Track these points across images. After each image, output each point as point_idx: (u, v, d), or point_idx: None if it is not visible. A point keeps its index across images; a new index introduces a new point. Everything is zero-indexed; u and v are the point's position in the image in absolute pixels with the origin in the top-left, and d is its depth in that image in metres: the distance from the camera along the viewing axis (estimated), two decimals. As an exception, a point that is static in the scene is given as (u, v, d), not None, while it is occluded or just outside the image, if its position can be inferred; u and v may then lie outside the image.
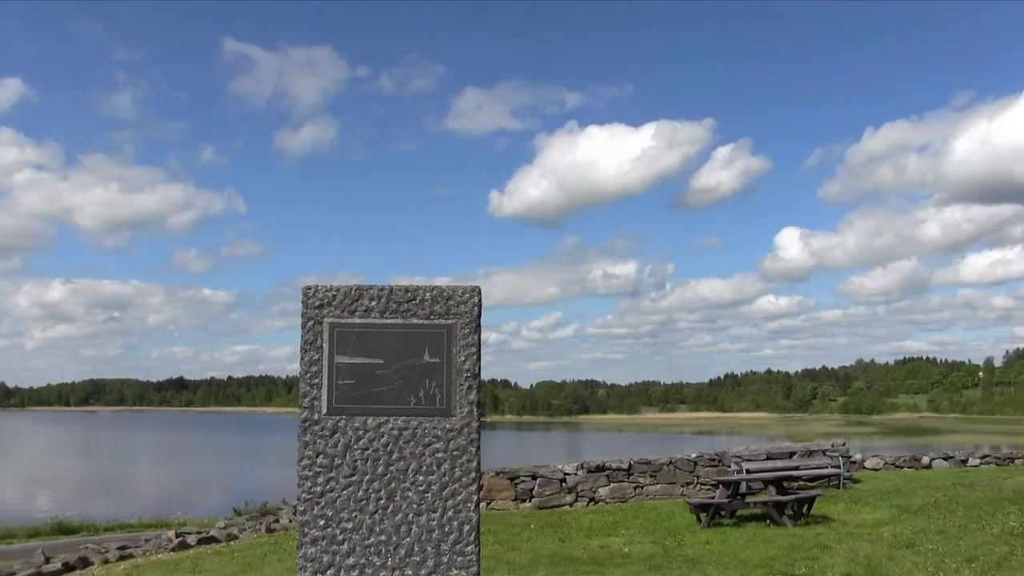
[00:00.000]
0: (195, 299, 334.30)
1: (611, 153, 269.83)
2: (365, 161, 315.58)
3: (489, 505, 14.37)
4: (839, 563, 8.05)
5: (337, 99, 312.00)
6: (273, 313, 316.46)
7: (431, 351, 3.02)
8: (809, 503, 11.70)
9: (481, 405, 3.09)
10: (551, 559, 8.96)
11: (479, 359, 3.06)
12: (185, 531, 13.65)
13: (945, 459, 19.79)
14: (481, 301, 3.09)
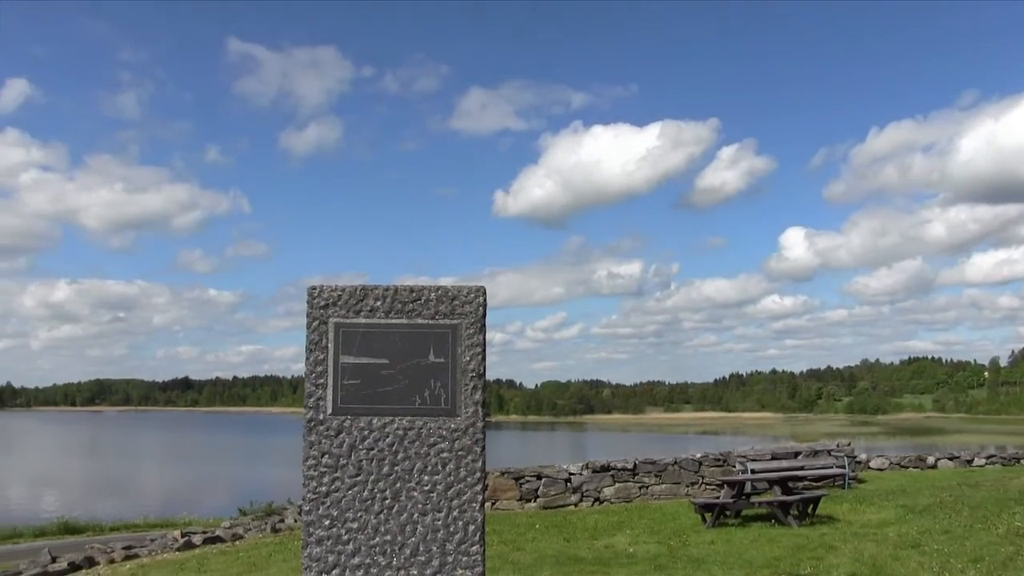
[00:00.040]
0: (200, 299, 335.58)
1: (616, 153, 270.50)
2: (370, 161, 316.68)
3: (494, 505, 14.38)
4: (844, 563, 8.03)
5: (342, 99, 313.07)
6: (278, 313, 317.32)
7: (436, 351, 3.03)
8: (814, 503, 11.67)
9: (486, 405, 3.09)
10: (556, 559, 8.96)
11: (484, 359, 3.06)
12: (190, 531, 13.69)
13: (950, 459, 19.73)
14: (486, 301, 3.09)
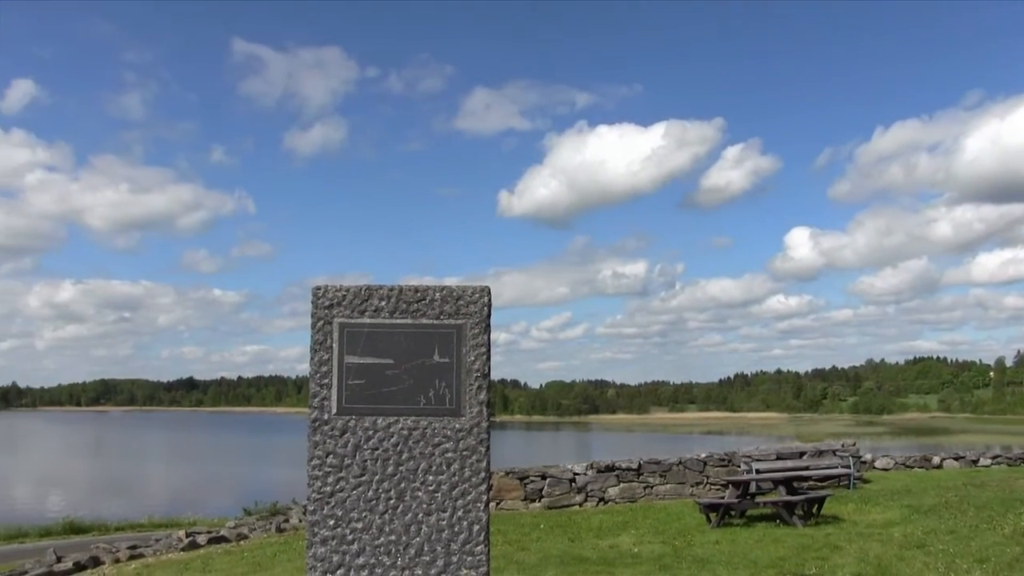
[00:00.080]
0: (205, 299, 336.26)
1: (621, 153, 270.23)
2: (374, 161, 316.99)
3: (499, 505, 14.37)
4: (849, 563, 8.02)
5: (346, 99, 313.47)
6: (283, 313, 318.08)
7: (441, 351, 3.03)
8: (819, 503, 11.65)
9: (491, 405, 3.09)
10: (561, 559, 8.95)
11: (489, 359, 3.06)
12: (195, 531, 13.70)
13: (956, 459, 19.66)
14: (491, 301, 3.10)
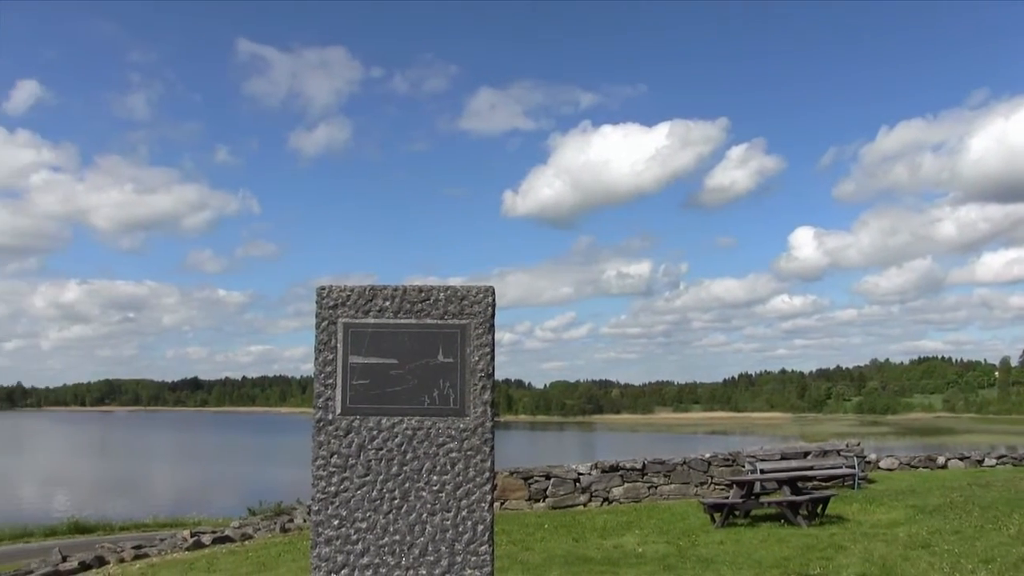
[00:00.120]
0: (210, 299, 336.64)
1: (625, 153, 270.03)
2: (379, 161, 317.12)
3: (503, 505, 14.37)
4: (854, 563, 8.00)
5: (351, 100, 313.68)
6: (287, 313, 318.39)
7: (445, 351, 3.03)
8: (824, 503, 11.64)
9: (495, 405, 3.09)
10: (565, 559, 8.95)
11: (493, 359, 3.06)
12: (200, 531, 13.74)
13: (961, 459, 19.61)
14: (495, 301, 3.10)
